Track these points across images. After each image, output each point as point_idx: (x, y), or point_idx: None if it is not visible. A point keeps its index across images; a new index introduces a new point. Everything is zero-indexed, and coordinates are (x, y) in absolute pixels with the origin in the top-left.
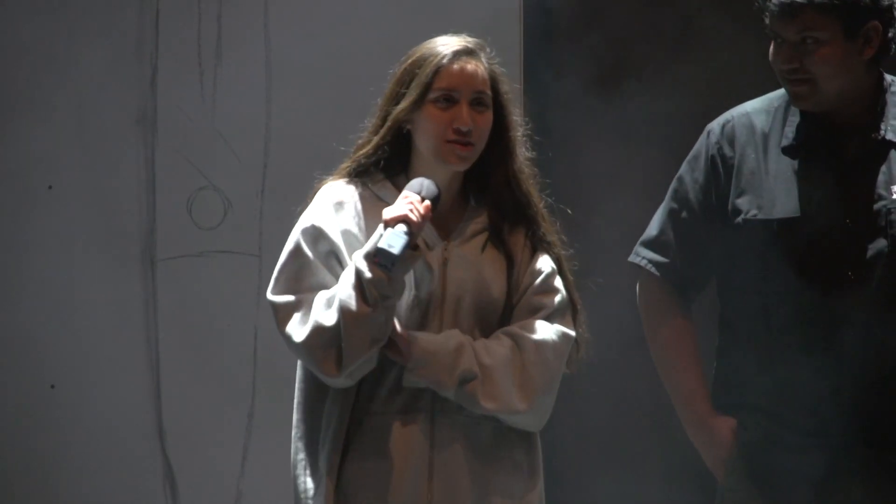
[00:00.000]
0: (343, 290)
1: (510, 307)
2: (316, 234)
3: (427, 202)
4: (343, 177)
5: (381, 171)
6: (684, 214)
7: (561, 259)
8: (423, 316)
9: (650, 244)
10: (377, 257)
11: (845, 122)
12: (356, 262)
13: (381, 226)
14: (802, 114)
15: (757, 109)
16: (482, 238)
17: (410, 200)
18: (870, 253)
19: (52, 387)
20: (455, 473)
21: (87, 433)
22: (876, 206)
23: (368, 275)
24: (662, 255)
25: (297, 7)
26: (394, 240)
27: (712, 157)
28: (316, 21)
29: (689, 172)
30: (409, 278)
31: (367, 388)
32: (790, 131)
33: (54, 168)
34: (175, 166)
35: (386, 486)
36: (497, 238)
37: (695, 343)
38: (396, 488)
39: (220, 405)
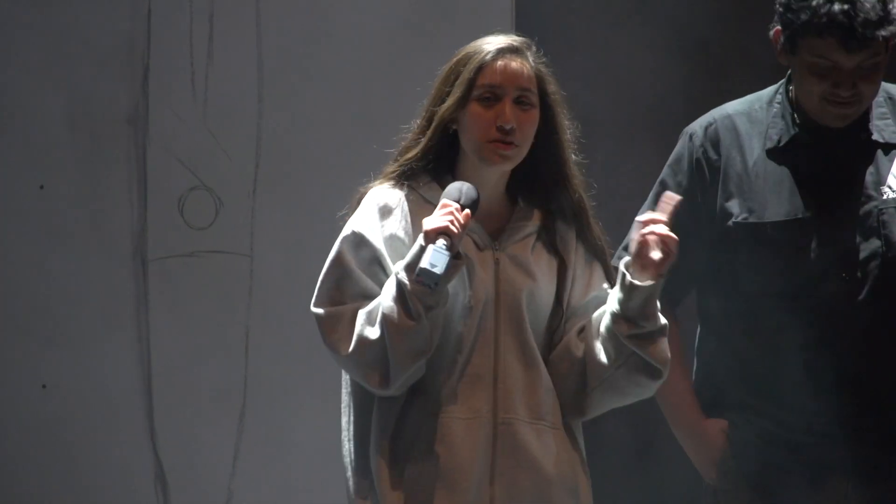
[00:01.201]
0: (386, 303)
1: (560, 308)
2: (357, 242)
3: (467, 211)
4: (389, 181)
5: (427, 172)
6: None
7: (609, 265)
8: (481, 318)
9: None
10: (420, 277)
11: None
12: (398, 274)
13: (420, 236)
14: (786, 114)
15: (739, 112)
16: (532, 239)
17: (450, 210)
18: (863, 254)
19: (44, 387)
20: (516, 479)
21: (79, 433)
22: (867, 207)
23: (411, 288)
24: None
25: (288, 7)
26: (437, 258)
27: (697, 160)
28: (308, 20)
29: (672, 176)
30: (463, 280)
31: (428, 390)
32: (774, 133)
33: (46, 168)
34: (166, 166)
35: (452, 488)
36: (548, 239)
37: (680, 347)
38: (463, 491)
39: (211, 405)
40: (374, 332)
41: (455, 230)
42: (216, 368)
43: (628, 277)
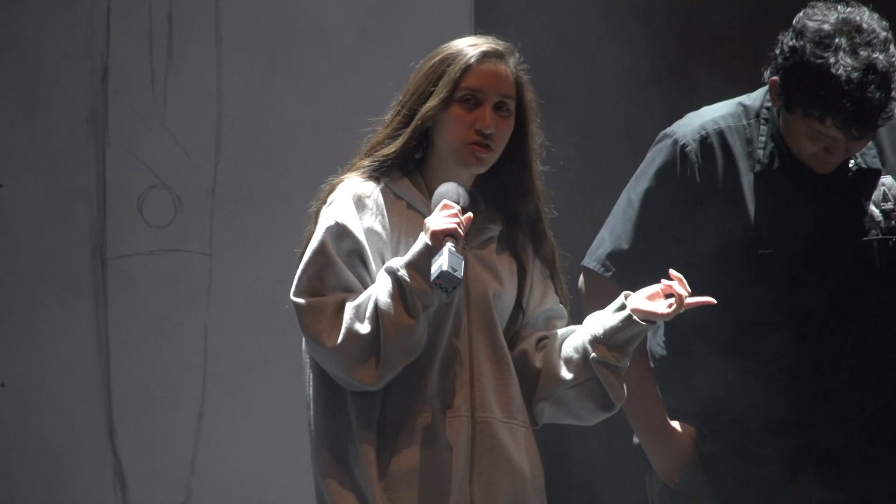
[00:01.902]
0: (383, 300)
1: (519, 312)
2: (340, 232)
3: (469, 214)
4: (361, 174)
5: (398, 167)
6: (656, 231)
7: (559, 276)
8: (455, 315)
9: (617, 257)
10: (439, 280)
11: None
12: (399, 272)
13: (422, 235)
14: (775, 135)
15: (730, 127)
16: (494, 242)
17: (455, 212)
18: (848, 282)
19: (3, 385)
20: (495, 478)
21: (38, 432)
22: (854, 236)
23: (414, 286)
24: (629, 270)
25: (248, 6)
26: (455, 262)
27: (690, 174)
28: (267, 19)
29: (661, 186)
30: None
31: (409, 387)
32: (764, 156)
33: (5, 166)
34: (126, 164)
35: (437, 486)
36: (508, 244)
37: (647, 352)
38: (447, 489)
39: (170, 404)
40: (364, 328)
41: (462, 233)
42: (175, 367)
43: (630, 312)
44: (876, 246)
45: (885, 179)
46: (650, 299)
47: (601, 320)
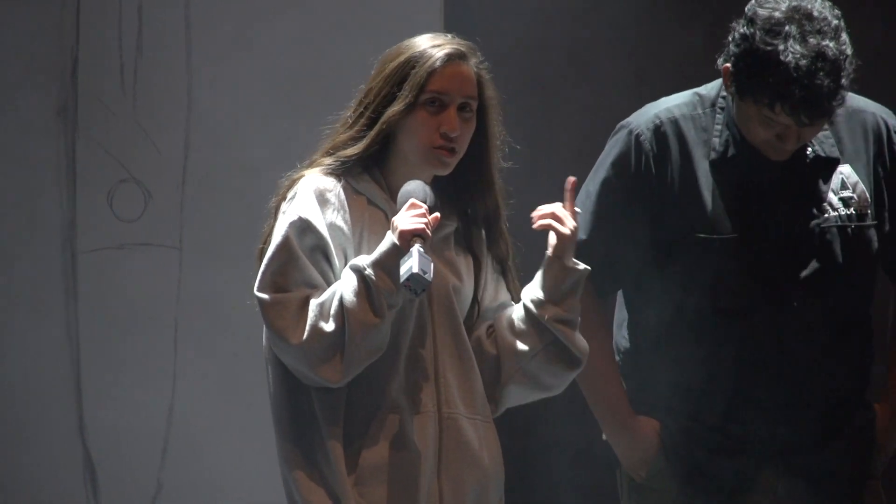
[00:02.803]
0: (349, 298)
1: (476, 306)
2: (303, 227)
3: (437, 214)
4: (322, 170)
5: (359, 164)
6: (614, 221)
7: (513, 273)
8: (419, 311)
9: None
10: (409, 282)
11: None
12: (366, 271)
13: (389, 234)
14: (730, 123)
15: (685, 116)
16: (451, 238)
17: (423, 212)
18: (804, 272)
19: None
20: (461, 473)
21: (8, 427)
22: (809, 226)
23: (381, 285)
24: (587, 259)
25: (217, 1)
26: (425, 264)
27: (645, 162)
28: (236, 13)
29: (617, 177)
30: None
31: (373, 383)
32: (719, 144)
33: None
34: (95, 158)
35: (407, 483)
36: (464, 240)
37: (612, 347)
38: (417, 486)
39: (140, 398)
40: (329, 325)
41: (429, 233)
42: (145, 361)
43: (555, 259)
44: (835, 233)
45: (843, 168)
46: (559, 240)
47: (537, 283)
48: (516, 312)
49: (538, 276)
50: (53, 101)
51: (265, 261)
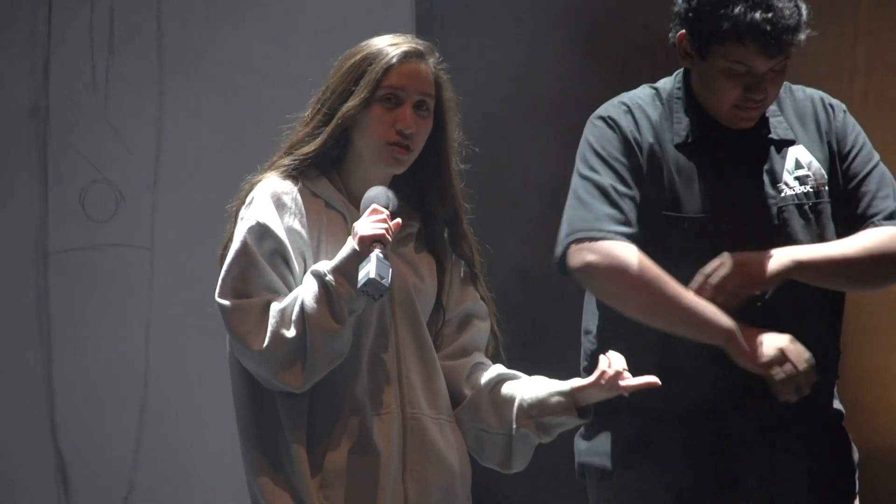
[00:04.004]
0: (309, 304)
1: (440, 308)
2: (262, 232)
3: (398, 220)
4: (280, 173)
5: (317, 166)
6: (625, 191)
7: (478, 273)
8: (380, 312)
9: (611, 220)
10: (366, 287)
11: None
12: (326, 277)
13: (349, 240)
14: (689, 110)
15: (646, 103)
16: (412, 239)
17: (383, 217)
18: (772, 245)
19: None
20: (426, 474)
21: None
22: (768, 203)
23: (341, 291)
24: (627, 227)
25: (189, 2)
26: (383, 269)
27: (626, 141)
28: (208, 13)
29: (604, 147)
30: None
31: (336, 385)
32: (681, 128)
33: None
34: (67, 159)
35: (372, 485)
36: (426, 241)
37: (669, 278)
38: (382, 487)
39: (112, 398)
40: (290, 332)
41: (390, 239)
42: (117, 362)
43: (568, 402)
44: (792, 210)
45: (797, 148)
46: (593, 386)
47: (539, 393)
48: (510, 387)
49: (547, 389)
50: (25, 101)
51: (225, 266)
